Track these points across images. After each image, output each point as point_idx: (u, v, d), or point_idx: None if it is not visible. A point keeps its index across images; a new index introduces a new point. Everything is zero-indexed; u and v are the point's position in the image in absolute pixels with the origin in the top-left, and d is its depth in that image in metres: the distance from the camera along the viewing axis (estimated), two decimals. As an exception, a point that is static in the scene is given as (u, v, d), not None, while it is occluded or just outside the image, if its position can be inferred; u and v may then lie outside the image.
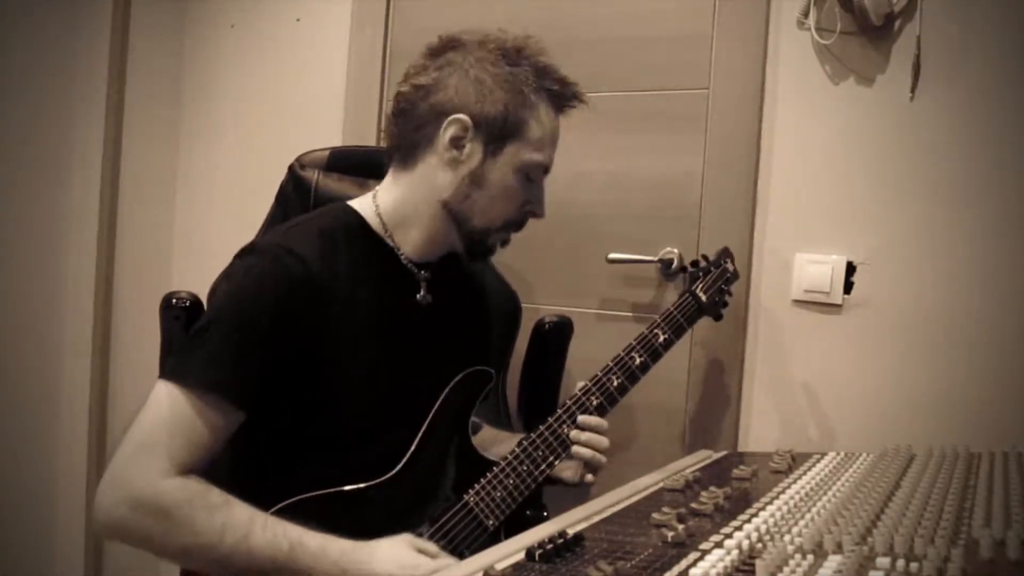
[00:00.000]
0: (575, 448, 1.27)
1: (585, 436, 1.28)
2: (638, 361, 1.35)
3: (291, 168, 1.59)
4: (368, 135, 2.02)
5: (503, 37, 1.23)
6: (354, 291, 1.17)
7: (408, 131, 1.22)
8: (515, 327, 1.56)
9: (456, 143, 1.18)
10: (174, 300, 1.41)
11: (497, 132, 1.18)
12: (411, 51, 1.96)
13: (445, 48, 1.23)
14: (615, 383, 1.32)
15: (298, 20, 2.14)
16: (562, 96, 1.24)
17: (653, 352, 1.37)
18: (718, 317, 1.56)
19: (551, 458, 1.26)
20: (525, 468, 1.24)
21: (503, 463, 1.24)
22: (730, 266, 1.58)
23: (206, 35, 2.25)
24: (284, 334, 1.10)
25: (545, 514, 1.43)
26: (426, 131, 1.20)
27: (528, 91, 1.19)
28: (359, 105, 2.05)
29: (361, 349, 1.17)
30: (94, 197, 2.13)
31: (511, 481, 1.22)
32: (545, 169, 1.24)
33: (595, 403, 1.30)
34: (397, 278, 1.23)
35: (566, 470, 1.31)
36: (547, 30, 1.87)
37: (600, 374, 1.32)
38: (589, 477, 1.31)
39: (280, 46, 2.16)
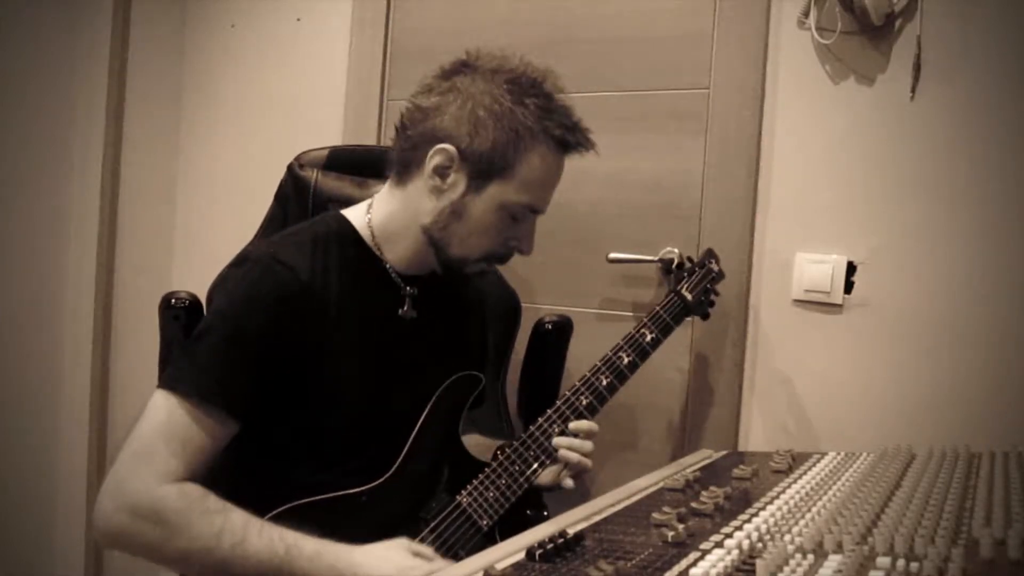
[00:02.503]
0: (561, 452, 1.27)
1: (567, 441, 1.28)
2: (626, 360, 1.36)
3: (290, 167, 1.59)
4: (368, 135, 2.02)
5: (519, 69, 1.19)
6: (343, 301, 1.17)
7: (404, 149, 1.22)
8: (514, 327, 1.56)
9: (440, 172, 1.17)
10: (173, 300, 1.41)
11: (483, 168, 1.16)
12: (411, 51, 1.99)
13: (455, 71, 1.20)
14: (604, 382, 1.32)
15: (298, 20, 2.14)
16: (564, 142, 1.20)
17: (641, 351, 1.38)
18: (705, 316, 1.58)
19: (543, 458, 1.26)
20: (517, 468, 1.24)
21: (495, 464, 1.24)
22: (715, 266, 1.59)
23: (206, 35, 2.25)
24: (275, 343, 1.10)
25: (545, 514, 1.43)
26: (417, 153, 1.19)
27: (524, 132, 1.16)
28: (359, 105, 2.04)
29: (348, 358, 1.17)
30: (94, 197, 2.13)
31: (503, 481, 1.23)
32: (532, 209, 1.22)
33: (585, 403, 1.30)
34: (384, 290, 1.24)
35: (545, 475, 1.31)
36: (547, 30, 1.89)
37: (589, 374, 1.33)
38: (568, 483, 1.29)
39: (280, 46, 2.16)
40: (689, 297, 1.51)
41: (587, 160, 1.28)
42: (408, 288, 1.25)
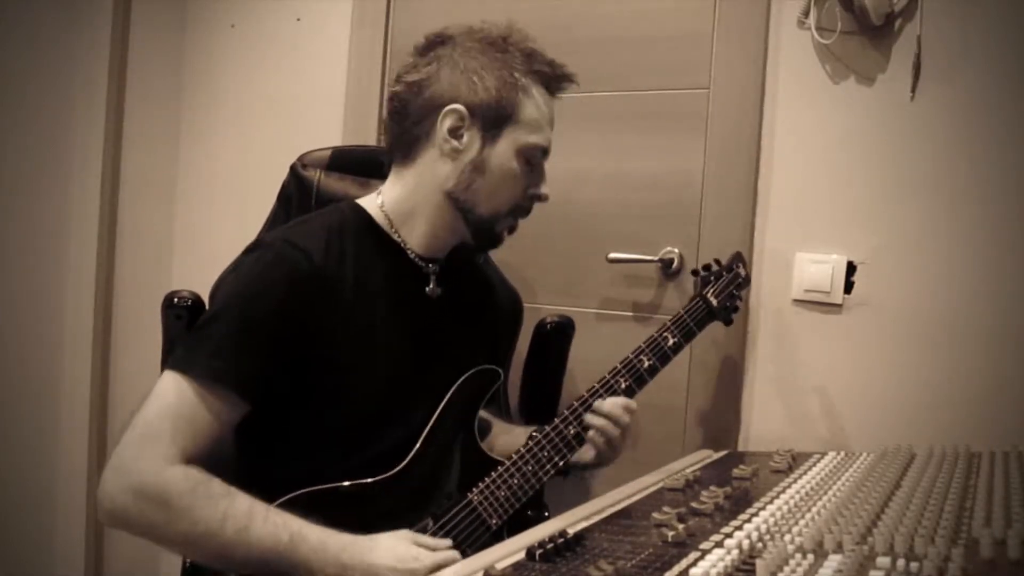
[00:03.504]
0: (590, 434, 1.27)
1: (600, 422, 1.28)
2: (646, 364, 1.34)
3: (293, 167, 1.60)
4: (368, 135, 2.02)
5: (487, 28, 1.25)
6: (361, 286, 1.18)
7: (406, 128, 1.23)
8: (517, 326, 1.56)
9: (454, 133, 1.20)
10: (176, 299, 1.40)
11: (493, 118, 1.20)
12: (411, 51, 1.98)
13: (432, 44, 1.25)
14: (623, 385, 1.31)
15: (298, 20, 2.14)
16: (552, 77, 1.25)
17: (662, 355, 1.36)
18: (728, 322, 1.55)
19: (556, 459, 1.25)
20: (530, 468, 1.23)
21: (508, 463, 1.23)
22: (742, 271, 1.56)
23: (206, 35, 2.25)
24: (289, 327, 1.11)
25: (547, 514, 1.43)
26: (423, 126, 1.21)
27: (519, 75, 1.21)
28: (359, 105, 2.04)
29: (368, 343, 1.18)
30: (94, 197, 2.13)
31: (515, 481, 1.22)
32: (544, 151, 1.25)
33: None
34: (405, 272, 1.25)
35: (588, 452, 1.31)
36: (547, 30, 1.87)
37: (608, 376, 1.31)
38: (603, 452, 1.30)
39: (280, 46, 2.16)
40: (715, 302, 1.48)
41: (587, 159, 1.28)
42: (430, 266, 1.26)
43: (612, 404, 1.29)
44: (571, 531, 0.91)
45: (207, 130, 2.26)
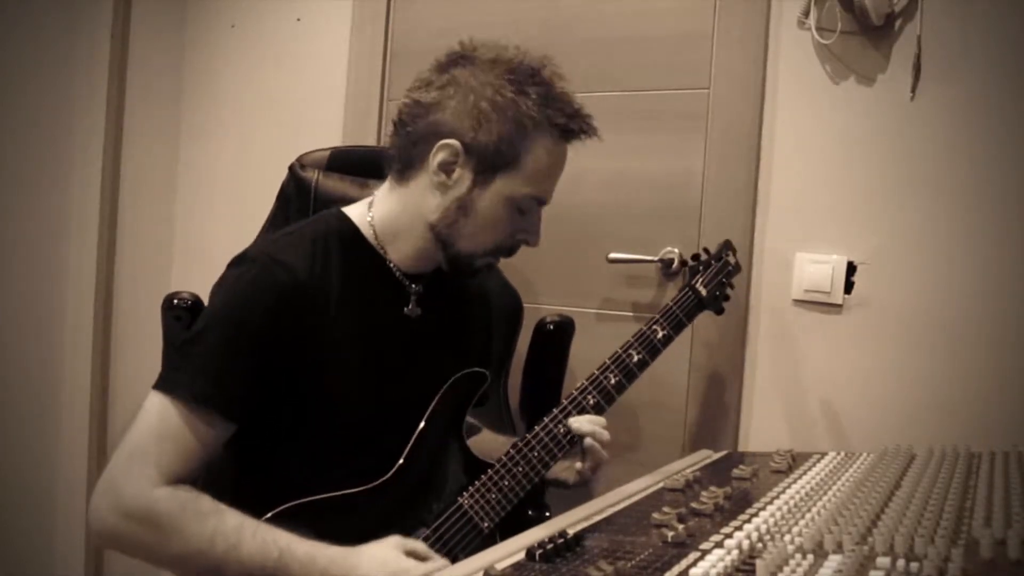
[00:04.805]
0: (587, 442, 1.25)
1: (589, 427, 1.25)
2: (636, 358, 1.32)
3: (291, 168, 1.60)
4: (368, 135, 2.02)
5: (517, 58, 1.17)
6: (344, 300, 1.16)
7: (405, 146, 1.19)
8: (516, 327, 1.55)
9: (445, 168, 1.16)
10: (175, 300, 1.41)
11: (489, 162, 1.15)
12: (411, 51, 1.99)
13: (453, 63, 1.18)
14: (612, 381, 1.30)
15: (298, 20, 2.14)
16: (567, 130, 1.18)
17: (651, 349, 1.35)
18: (719, 311, 1.54)
19: (547, 459, 1.24)
20: (520, 469, 1.22)
21: (498, 465, 1.23)
22: (732, 259, 1.55)
23: (206, 35, 2.25)
24: (272, 343, 1.09)
25: (548, 514, 1.42)
26: (420, 149, 1.17)
27: (528, 122, 1.14)
28: (359, 105, 2.05)
29: (350, 357, 1.16)
30: (94, 197, 2.13)
31: (506, 483, 1.21)
32: (539, 201, 1.21)
33: (592, 402, 1.28)
34: (387, 289, 1.22)
35: (564, 471, 1.30)
36: (547, 29, 1.89)
37: (597, 372, 1.30)
38: (578, 465, 1.28)
39: (280, 46, 2.16)
40: (703, 292, 1.46)
41: (587, 160, 1.27)
42: (413, 286, 1.24)
43: (589, 422, 1.26)
44: (571, 531, 0.91)
45: (207, 130, 2.26)
